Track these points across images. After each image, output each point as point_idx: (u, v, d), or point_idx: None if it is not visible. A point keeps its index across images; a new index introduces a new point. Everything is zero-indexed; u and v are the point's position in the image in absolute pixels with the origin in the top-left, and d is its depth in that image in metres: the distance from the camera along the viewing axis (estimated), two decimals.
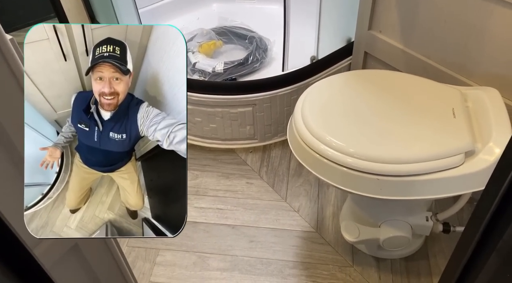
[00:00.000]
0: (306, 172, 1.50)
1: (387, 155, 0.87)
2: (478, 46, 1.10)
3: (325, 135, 0.94)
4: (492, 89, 1.00)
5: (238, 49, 1.79)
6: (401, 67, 1.36)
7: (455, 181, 0.87)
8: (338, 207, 1.38)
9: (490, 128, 0.90)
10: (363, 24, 1.42)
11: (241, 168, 1.53)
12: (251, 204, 1.40)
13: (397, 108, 0.99)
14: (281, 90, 1.45)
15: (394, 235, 1.09)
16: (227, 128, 1.53)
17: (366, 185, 0.90)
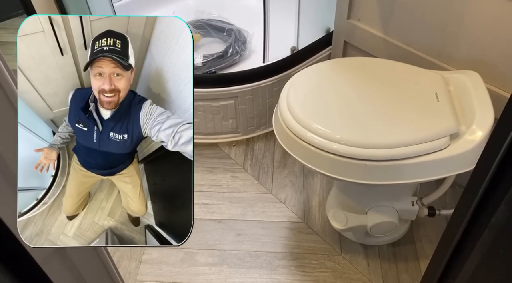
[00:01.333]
0: (291, 163, 1.50)
1: (375, 140, 0.87)
2: (456, 31, 1.12)
3: (311, 122, 0.93)
4: (473, 72, 1.01)
5: (217, 42, 1.77)
6: (381, 55, 1.37)
7: (442, 163, 0.88)
8: (324, 196, 1.39)
9: (473, 110, 0.91)
10: (342, 13, 1.42)
11: (225, 162, 1.51)
12: (237, 197, 1.39)
13: (381, 94, 0.99)
14: (263, 81, 1.44)
15: (382, 221, 1.10)
16: (209, 122, 1.51)
17: (355, 171, 0.90)
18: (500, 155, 0.53)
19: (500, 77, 1.07)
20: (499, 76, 1.07)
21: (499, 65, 1.06)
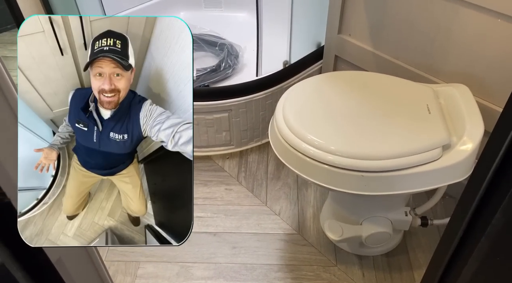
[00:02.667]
0: (285, 175, 1.51)
1: (371, 152, 0.89)
2: (444, 45, 1.16)
3: (306, 133, 0.95)
4: (462, 85, 1.05)
5: (209, 56, 1.79)
6: (371, 68, 1.40)
7: (435, 174, 0.91)
8: (318, 208, 1.40)
9: (463, 122, 0.94)
10: (333, 29, 1.46)
11: (219, 175, 1.51)
12: (232, 210, 1.39)
13: (374, 106, 1.02)
14: (256, 95, 1.46)
15: (376, 231, 1.12)
16: (203, 135, 1.52)
17: (351, 182, 0.92)
18: (495, 164, 0.55)
19: (487, 90, 1.11)
20: (487, 89, 1.11)
21: (486, 78, 1.10)
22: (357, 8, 1.35)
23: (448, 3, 1.08)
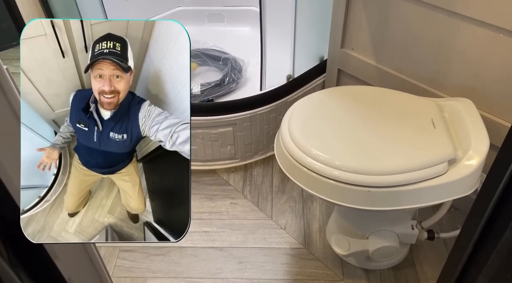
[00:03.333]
0: (289, 188, 1.52)
1: (378, 167, 0.89)
2: (447, 60, 1.17)
3: (312, 148, 0.96)
4: (466, 99, 1.06)
5: (213, 70, 1.80)
6: (374, 82, 1.42)
7: (441, 188, 0.91)
8: (324, 221, 1.40)
9: (469, 136, 0.95)
10: (336, 43, 1.47)
11: (224, 189, 1.52)
12: (238, 224, 1.39)
13: (379, 121, 1.03)
14: (261, 108, 1.47)
15: (383, 245, 1.12)
16: (207, 149, 1.53)
17: (358, 197, 0.92)
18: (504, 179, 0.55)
19: (490, 103, 1.12)
20: (490, 102, 1.12)
21: (489, 91, 1.11)
22: (359, 22, 1.36)
23: (450, 18, 1.10)
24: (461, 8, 1.05)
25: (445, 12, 1.10)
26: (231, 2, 2.07)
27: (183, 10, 2.11)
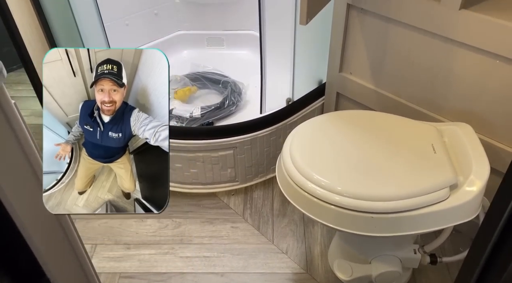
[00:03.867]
0: (290, 211, 1.51)
1: (379, 193, 0.90)
2: (445, 84, 1.19)
3: (313, 174, 0.96)
4: (465, 124, 1.07)
5: (213, 93, 1.82)
6: (373, 105, 1.43)
7: (443, 214, 0.91)
8: (326, 245, 1.39)
9: (469, 161, 0.96)
10: (334, 67, 1.50)
11: (224, 212, 1.51)
12: (238, 249, 1.38)
13: (381, 146, 1.04)
14: (261, 132, 1.48)
15: (386, 270, 1.11)
16: (208, 172, 1.53)
17: (360, 223, 0.92)
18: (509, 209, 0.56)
19: (489, 127, 1.13)
20: (489, 126, 1.13)
21: (488, 116, 1.12)
22: (357, 47, 1.39)
23: (447, 44, 1.12)
24: (458, 35, 1.08)
25: (441, 39, 1.12)
26: (231, 26, 2.10)
27: (183, 34, 2.14)
